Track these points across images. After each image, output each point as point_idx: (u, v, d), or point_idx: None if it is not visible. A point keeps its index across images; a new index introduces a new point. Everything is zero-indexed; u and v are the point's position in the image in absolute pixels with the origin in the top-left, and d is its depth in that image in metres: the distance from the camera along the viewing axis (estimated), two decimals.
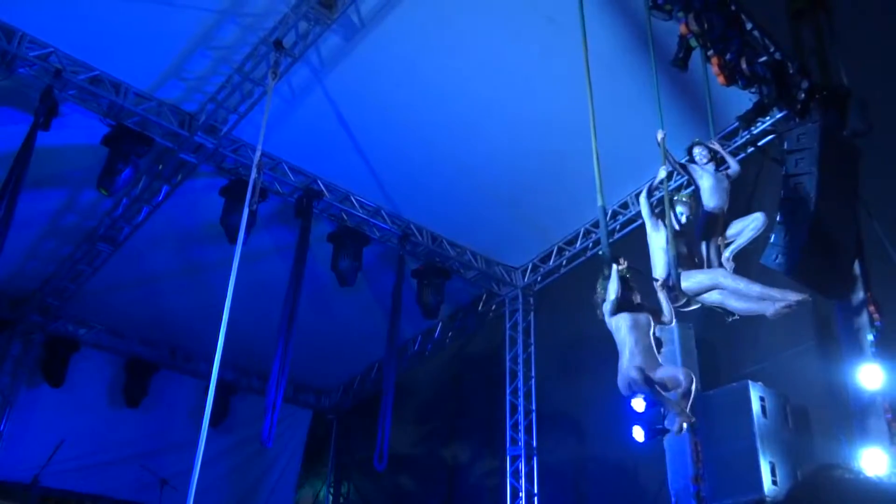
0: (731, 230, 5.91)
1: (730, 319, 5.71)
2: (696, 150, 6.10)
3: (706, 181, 6.00)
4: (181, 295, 11.24)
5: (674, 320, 5.61)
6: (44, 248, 10.39)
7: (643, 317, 5.48)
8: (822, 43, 7.58)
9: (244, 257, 7.02)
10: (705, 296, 5.62)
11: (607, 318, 5.48)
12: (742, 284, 5.47)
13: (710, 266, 5.74)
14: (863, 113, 7.03)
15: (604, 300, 5.50)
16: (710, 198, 5.93)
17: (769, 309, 5.36)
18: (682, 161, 6.18)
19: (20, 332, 11.48)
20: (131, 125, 8.27)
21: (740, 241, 5.87)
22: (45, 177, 8.86)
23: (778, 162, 7.32)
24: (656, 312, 5.51)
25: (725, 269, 5.67)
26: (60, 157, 8.80)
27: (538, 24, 7.90)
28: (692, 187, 6.21)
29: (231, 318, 6.58)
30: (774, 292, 5.37)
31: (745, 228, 5.87)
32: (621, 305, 5.43)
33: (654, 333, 5.44)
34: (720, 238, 5.88)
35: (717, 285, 5.56)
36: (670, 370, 5.40)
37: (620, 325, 5.42)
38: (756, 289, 5.42)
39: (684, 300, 5.63)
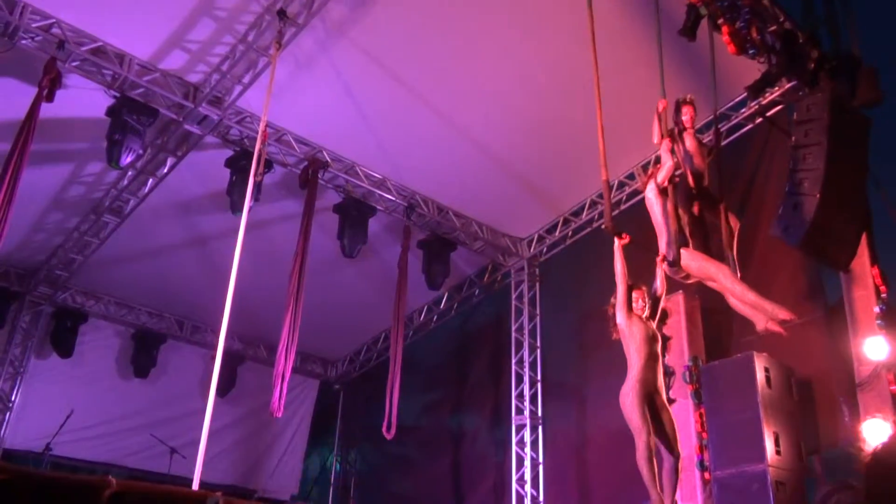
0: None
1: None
2: (683, 110, 6.03)
3: (687, 143, 5.98)
4: (188, 266, 11.29)
5: (664, 296, 5.64)
6: (50, 221, 10.42)
7: (655, 331, 5.49)
8: (833, 12, 7.47)
9: (250, 228, 7.03)
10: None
11: (620, 319, 5.44)
12: (738, 289, 5.46)
13: (696, 237, 5.77)
14: (873, 82, 6.95)
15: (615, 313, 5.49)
16: (688, 161, 5.91)
17: (760, 322, 5.41)
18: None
19: (29, 303, 11.59)
20: (136, 97, 8.25)
21: None
22: (50, 149, 8.86)
23: (786, 133, 7.26)
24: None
25: (730, 267, 5.65)
26: (65, 129, 8.79)
27: None
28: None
29: (237, 289, 6.61)
30: (766, 305, 5.37)
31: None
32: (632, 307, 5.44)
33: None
34: (702, 204, 5.89)
35: (716, 280, 5.58)
36: (668, 428, 5.39)
37: (636, 333, 5.37)
38: (750, 297, 5.42)
39: (684, 274, 5.66)
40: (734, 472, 7.14)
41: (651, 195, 5.80)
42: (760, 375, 7.23)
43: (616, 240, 5.45)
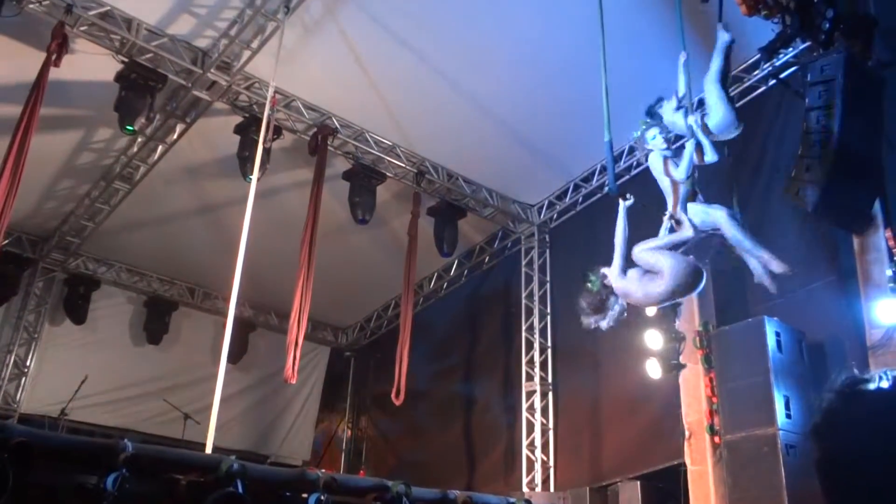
0: None
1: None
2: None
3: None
4: (198, 233, 11.33)
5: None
6: (61, 187, 10.45)
7: None
8: None
9: (260, 195, 7.04)
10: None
11: (615, 281, 5.53)
12: (738, 234, 5.52)
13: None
14: (889, 42, 6.83)
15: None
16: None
17: (756, 269, 5.50)
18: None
19: (42, 270, 11.66)
20: (144, 62, 8.20)
21: None
22: (59, 114, 8.85)
23: (800, 95, 7.16)
24: None
25: (726, 212, 5.66)
26: (73, 95, 8.76)
27: None
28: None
29: (248, 256, 6.64)
30: (763, 253, 5.44)
31: None
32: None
33: None
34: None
35: (716, 226, 5.62)
36: None
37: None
38: (747, 244, 5.50)
39: (692, 231, 5.65)
40: (744, 436, 7.17)
41: (654, 162, 5.79)
42: (772, 339, 7.23)
43: (620, 201, 5.46)
